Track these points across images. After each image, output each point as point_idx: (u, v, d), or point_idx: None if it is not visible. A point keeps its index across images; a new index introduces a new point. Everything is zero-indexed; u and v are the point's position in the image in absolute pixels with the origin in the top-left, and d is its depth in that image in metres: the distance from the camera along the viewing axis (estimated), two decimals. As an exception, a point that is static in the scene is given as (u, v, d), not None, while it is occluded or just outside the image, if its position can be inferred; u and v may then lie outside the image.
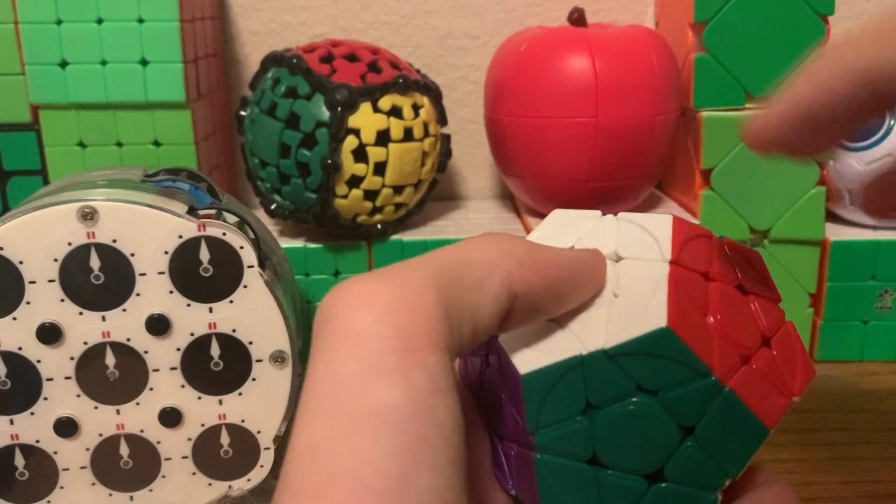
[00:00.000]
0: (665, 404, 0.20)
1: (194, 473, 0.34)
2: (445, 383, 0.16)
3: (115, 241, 0.31)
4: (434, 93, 0.46)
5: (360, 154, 0.42)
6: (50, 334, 0.31)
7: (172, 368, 0.33)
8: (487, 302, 0.18)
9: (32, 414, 0.32)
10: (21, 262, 0.31)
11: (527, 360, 0.20)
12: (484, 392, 0.23)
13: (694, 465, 0.20)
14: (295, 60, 0.43)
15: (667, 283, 0.20)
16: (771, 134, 0.19)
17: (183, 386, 0.33)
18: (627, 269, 0.21)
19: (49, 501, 0.33)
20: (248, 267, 0.32)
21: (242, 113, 0.46)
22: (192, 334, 0.32)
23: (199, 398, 0.33)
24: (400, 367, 0.16)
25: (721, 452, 0.20)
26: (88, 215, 0.30)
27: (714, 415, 0.20)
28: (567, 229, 0.23)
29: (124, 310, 0.32)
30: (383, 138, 0.43)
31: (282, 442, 0.34)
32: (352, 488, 0.15)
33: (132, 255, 0.31)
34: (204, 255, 0.31)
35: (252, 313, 0.32)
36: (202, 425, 0.33)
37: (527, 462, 0.21)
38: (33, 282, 0.31)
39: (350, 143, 0.42)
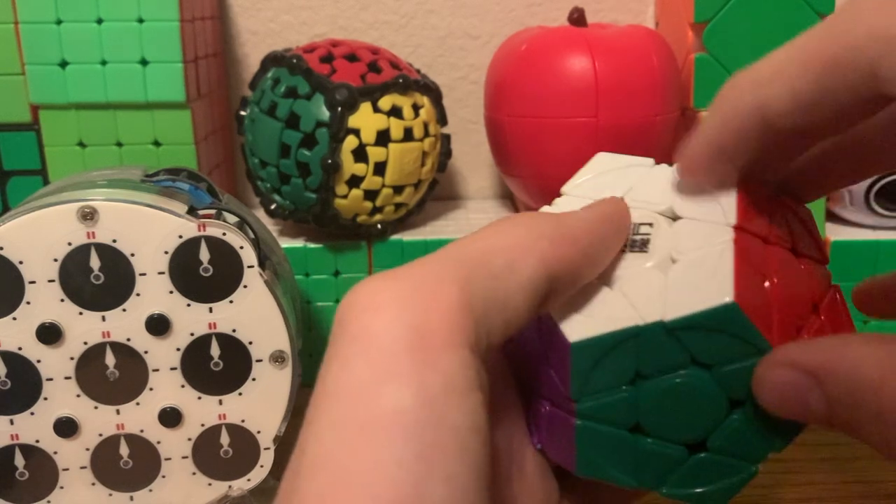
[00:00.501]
0: (718, 378, 0.19)
1: (194, 473, 0.34)
2: (463, 383, 0.16)
3: (114, 241, 0.31)
4: (434, 93, 0.46)
5: (360, 154, 0.42)
6: (50, 334, 0.31)
7: (172, 368, 0.33)
8: (521, 288, 0.17)
9: (32, 414, 0.32)
10: (21, 262, 0.31)
11: (576, 327, 0.19)
12: (518, 347, 0.22)
13: (738, 437, 0.20)
14: (295, 60, 0.43)
15: (732, 251, 0.19)
16: (696, 166, 0.20)
17: (183, 386, 0.33)
18: (686, 231, 0.20)
19: (49, 501, 0.33)
20: (248, 267, 0.32)
21: (242, 113, 0.46)
22: (192, 334, 0.32)
23: (199, 398, 0.33)
24: (412, 370, 0.15)
25: (768, 426, 0.19)
26: (88, 215, 0.30)
27: None
28: (615, 177, 0.21)
29: (124, 310, 0.32)
30: (383, 138, 0.43)
31: (282, 442, 0.34)
32: (358, 496, 0.14)
33: (132, 255, 0.31)
34: (204, 255, 0.31)
35: (252, 313, 0.32)
36: (202, 425, 0.33)
37: (565, 426, 0.20)
38: (33, 282, 0.31)
39: (350, 143, 0.42)
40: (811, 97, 0.17)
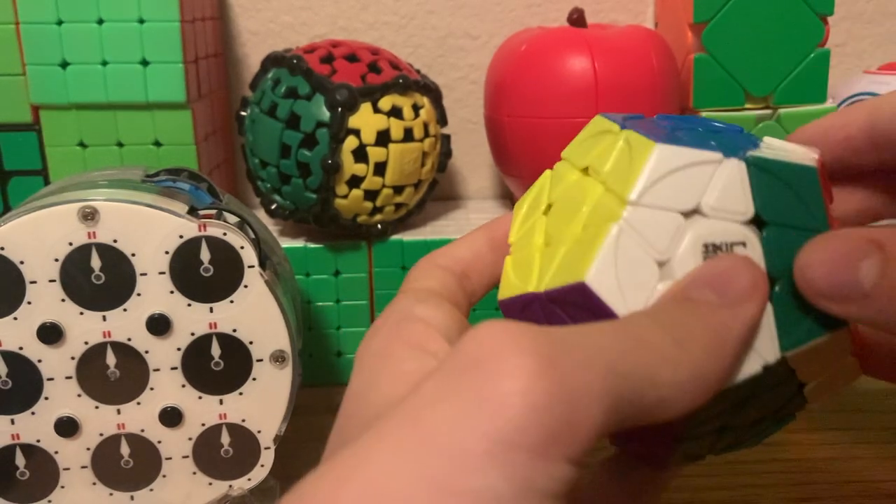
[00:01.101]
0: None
1: (195, 473, 0.34)
2: (562, 493, 0.15)
3: (115, 241, 0.31)
4: (434, 93, 0.46)
5: (360, 154, 0.42)
6: (51, 334, 0.31)
7: (173, 368, 0.33)
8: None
9: (33, 414, 0.32)
10: (22, 262, 0.31)
11: None
12: None
13: (789, 401, 0.22)
14: (295, 61, 0.43)
15: None
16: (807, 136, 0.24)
17: (183, 386, 0.33)
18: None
19: (50, 501, 0.33)
20: (249, 267, 0.32)
21: (243, 113, 0.46)
22: (192, 334, 0.32)
23: (200, 398, 0.33)
24: (526, 467, 0.14)
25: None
26: (89, 215, 0.31)
27: None
28: (686, 180, 0.20)
29: (125, 310, 0.32)
30: (383, 138, 0.43)
31: (282, 441, 0.34)
32: None
33: (133, 255, 0.31)
34: (204, 254, 0.32)
35: (252, 313, 0.32)
36: (202, 425, 0.33)
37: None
38: (34, 282, 0.31)
39: (350, 143, 0.42)
40: None
